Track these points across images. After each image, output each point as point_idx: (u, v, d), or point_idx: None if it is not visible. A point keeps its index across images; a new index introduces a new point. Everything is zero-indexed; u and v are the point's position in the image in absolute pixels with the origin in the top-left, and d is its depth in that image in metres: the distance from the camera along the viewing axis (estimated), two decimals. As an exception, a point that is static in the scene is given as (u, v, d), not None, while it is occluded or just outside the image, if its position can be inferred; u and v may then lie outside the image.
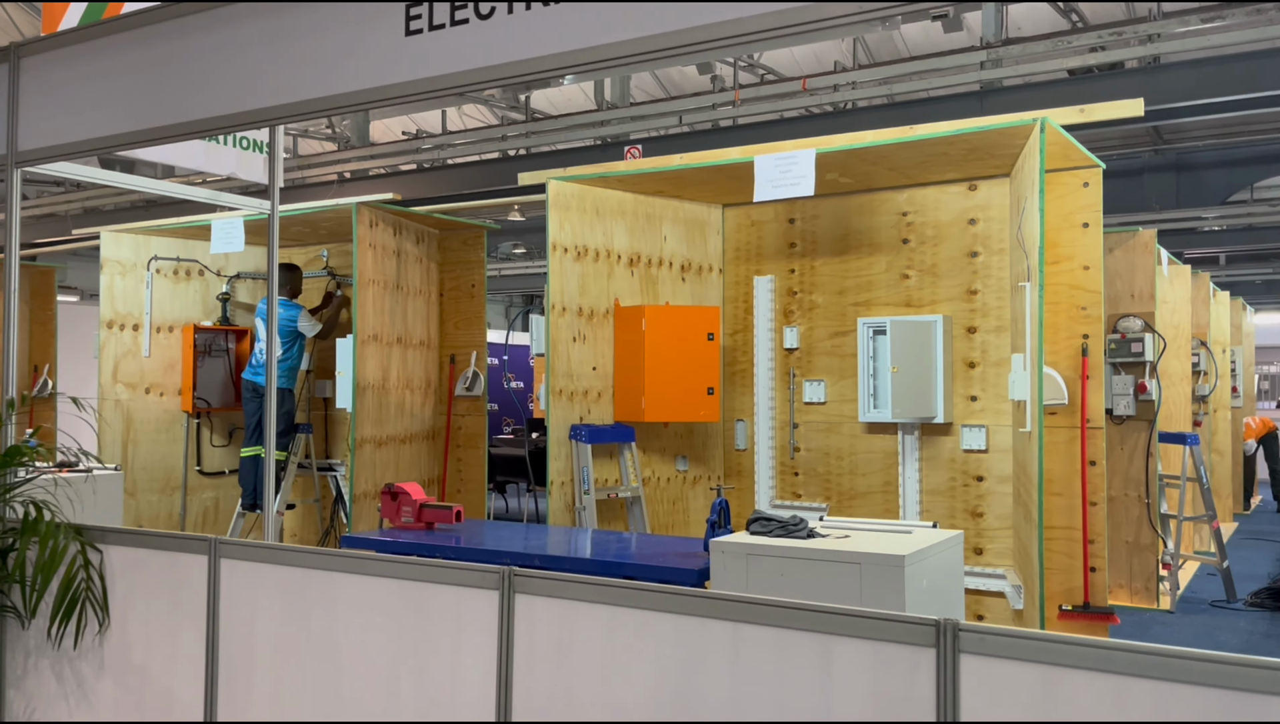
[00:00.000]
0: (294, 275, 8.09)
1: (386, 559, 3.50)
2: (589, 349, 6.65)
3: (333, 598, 3.57)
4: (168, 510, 8.45)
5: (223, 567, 3.80)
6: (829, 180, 6.49)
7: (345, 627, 3.54)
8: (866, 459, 6.76)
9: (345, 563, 3.54)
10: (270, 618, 3.70)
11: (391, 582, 3.45)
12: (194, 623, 3.86)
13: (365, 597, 3.50)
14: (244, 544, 3.77)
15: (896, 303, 6.69)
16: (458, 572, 3.32)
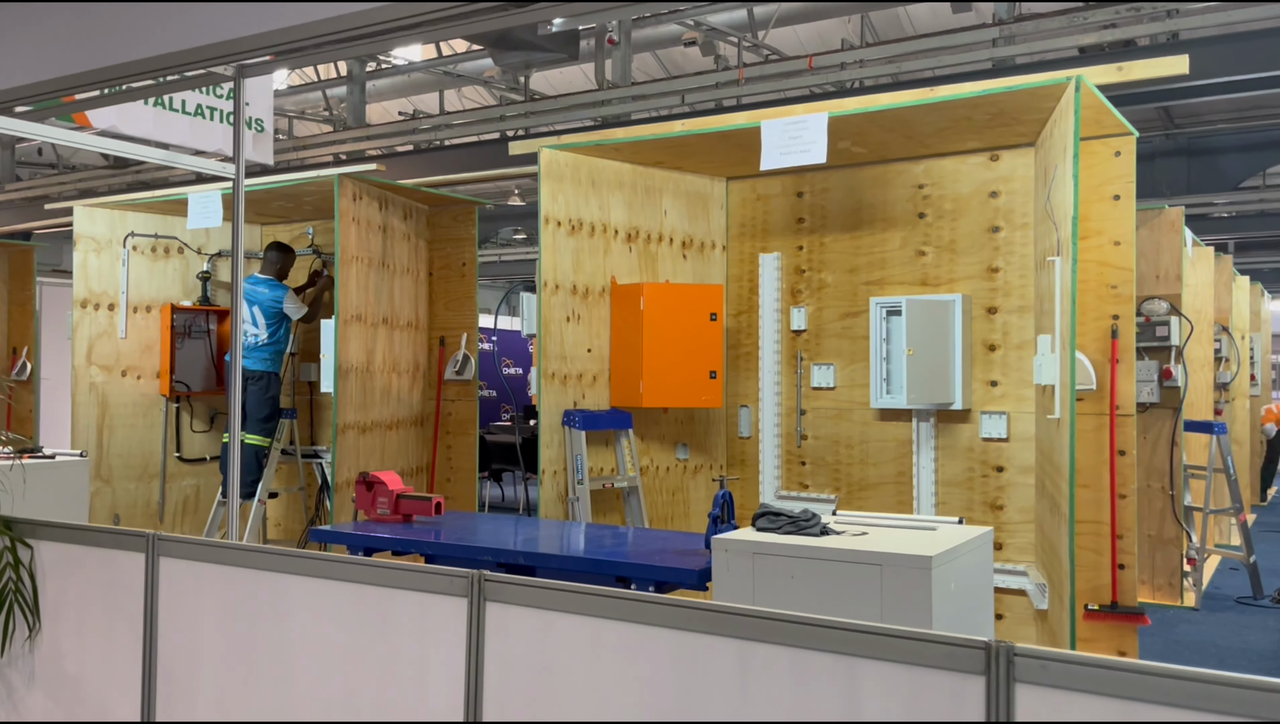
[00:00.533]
0: (285, 256, 7.60)
1: (341, 560, 3.01)
2: (583, 329, 6.16)
3: (282, 603, 3.09)
4: (145, 499, 7.98)
5: (162, 566, 3.32)
6: (840, 150, 5.98)
7: (296, 635, 3.06)
8: (878, 448, 6.27)
9: (296, 564, 3.06)
10: (214, 624, 3.22)
11: (347, 585, 2.96)
12: (131, 628, 3.38)
13: (318, 602, 3.02)
14: (185, 541, 3.29)
15: (912, 281, 6.19)
16: (421, 575, 2.84)
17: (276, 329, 7.49)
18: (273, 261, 7.55)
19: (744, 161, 6.30)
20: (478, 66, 16.49)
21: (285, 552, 3.10)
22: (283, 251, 7.58)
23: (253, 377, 7.47)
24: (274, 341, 7.50)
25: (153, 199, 7.56)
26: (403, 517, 4.64)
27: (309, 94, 18.50)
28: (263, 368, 7.46)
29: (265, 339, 7.46)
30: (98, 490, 7.74)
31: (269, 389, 7.49)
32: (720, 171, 6.61)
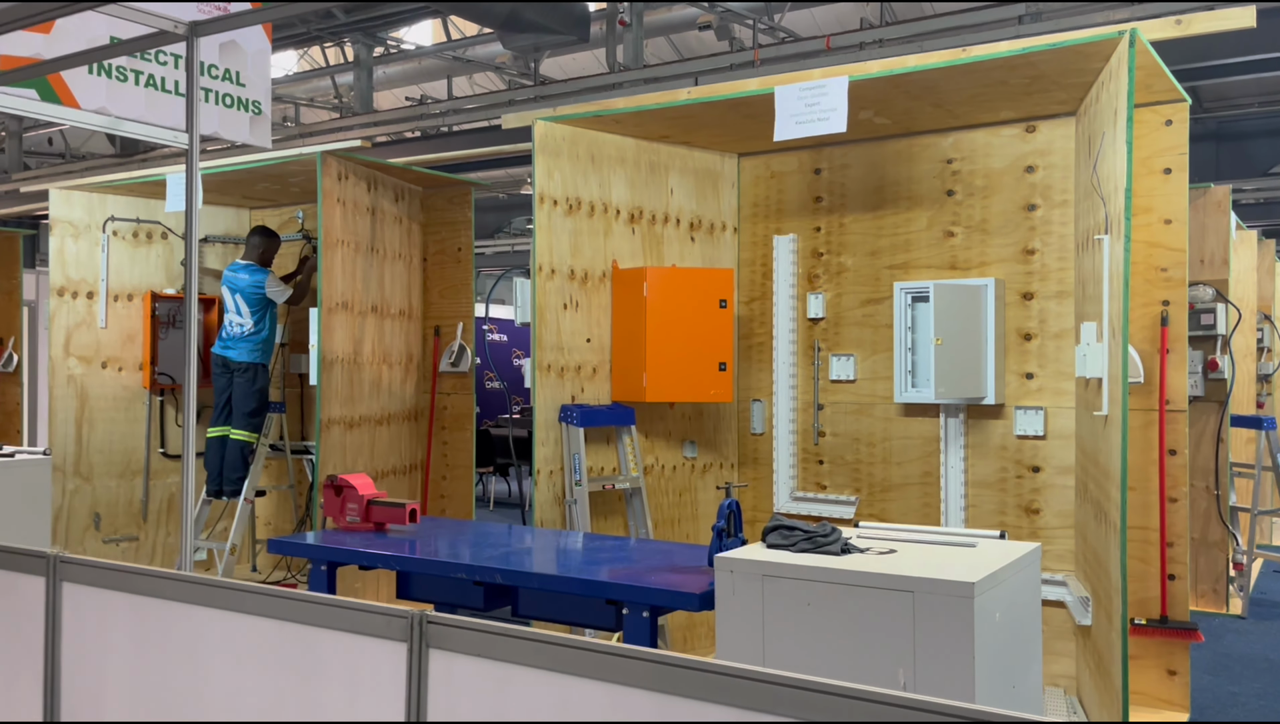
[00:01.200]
0: (269, 241, 7.05)
1: (262, 592, 2.45)
2: (582, 318, 5.59)
3: (197, 638, 2.54)
4: (128, 497, 7.47)
5: (65, 593, 2.77)
6: (862, 121, 5.39)
7: (212, 676, 2.51)
8: (902, 446, 5.68)
9: (211, 595, 2.51)
10: (122, 660, 2.68)
11: (269, 622, 2.41)
12: (32, 661, 2.84)
13: (237, 639, 2.47)
14: (90, 565, 2.74)
15: (939, 265, 5.59)
16: (353, 614, 2.28)
17: (262, 317, 6.95)
18: (255, 246, 7.01)
19: (757, 135, 5.71)
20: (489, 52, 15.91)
21: (200, 580, 2.55)
22: (266, 236, 7.04)
23: (238, 368, 6.94)
24: (260, 331, 6.96)
25: (131, 180, 7.03)
26: (374, 525, 4.10)
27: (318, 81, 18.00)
28: (249, 359, 6.92)
29: (251, 328, 6.92)
30: (77, 488, 7.24)
31: (255, 381, 6.96)
32: (731, 147, 6.02)
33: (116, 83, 9.00)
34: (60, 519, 7.17)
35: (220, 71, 9.89)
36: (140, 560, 7.52)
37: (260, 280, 6.85)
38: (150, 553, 7.55)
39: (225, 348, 7.00)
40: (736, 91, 5.01)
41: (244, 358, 6.91)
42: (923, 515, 5.61)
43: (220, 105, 10.02)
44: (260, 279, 6.85)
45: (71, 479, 7.22)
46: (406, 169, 6.79)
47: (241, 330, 6.93)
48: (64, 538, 7.17)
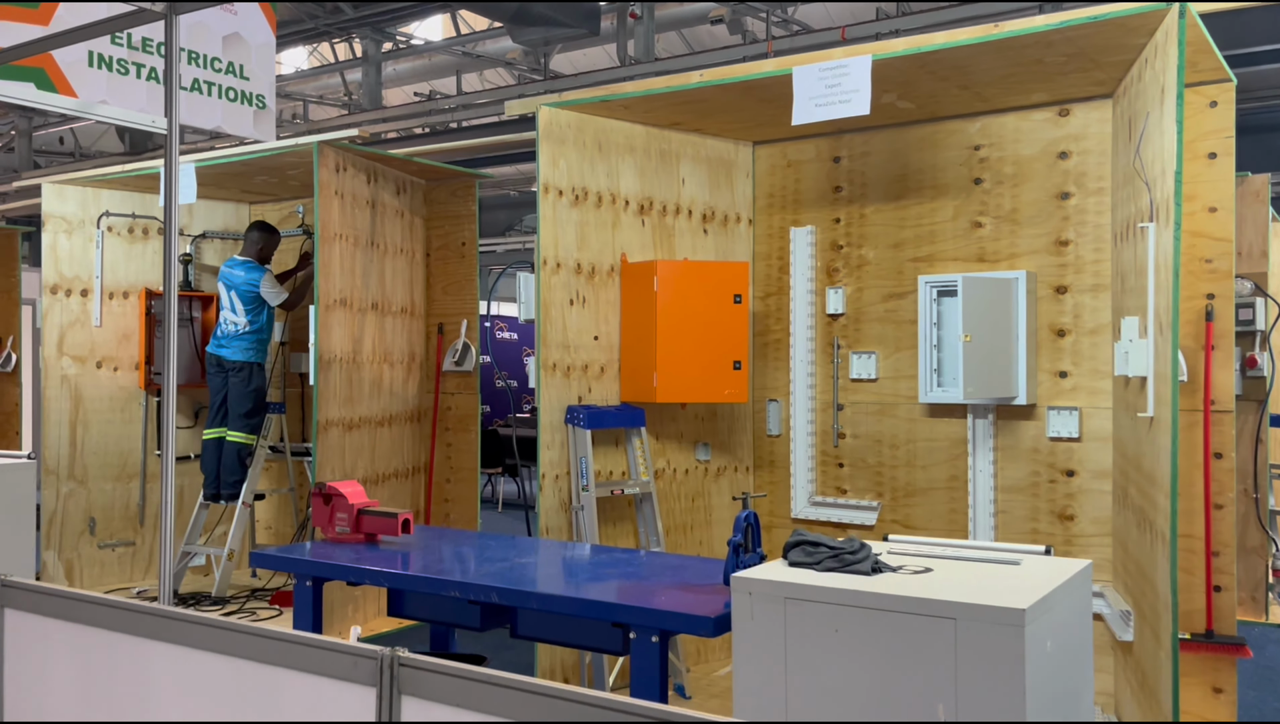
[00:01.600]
0: (267, 237, 6.75)
1: (215, 625, 2.14)
2: (589, 314, 5.26)
3: (146, 675, 2.22)
4: (124, 500, 7.19)
5: (7, 619, 2.46)
6: (884, 105, 5.04)
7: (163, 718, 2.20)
8: (927, 448, 5.34)
9: (161, 627, 2.19)
10: (65, 696, 2.36)
11: (223, 659, 2.09)
12: (-26, 699, 2.53)
13: (188, 677, 2.15)
14: (34, 590, 2.43)
15: (967, 257, 5.24)
16: (317, 653, 1.96)
17: (257, 315, 6.65)
18: (254, 242, 6.71)
19: (773, 121, 5.37)
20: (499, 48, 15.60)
21: (148, 610, 2.24)
22: (264, 232, 6.74)
23: (233, 368, 6.65)
24: (256, 329, 6.66)
25: (125, 174, 6.74)
26: (365, 536, 3.78)
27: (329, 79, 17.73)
28: (243, 358, 6.63)
29: (245, 326, 6.62)
30: (71, 492, 6.96)
31: (251, 381, 6.66)
32: (746, 134, 5.69)
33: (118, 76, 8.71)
34: (54, 524, 6.89)
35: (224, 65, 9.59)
36: (137, 566, 7.24)
37: (256, 279, 6.55)
38: (147, 558, 7.26)
39: (220, 346, 6.71)
40: (751, 73, 4.67)
41: (238, 357, 6.61)
42: (949, 521, 5.27)
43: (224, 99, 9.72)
44: (256, 277, 6.55)
45: (65, 483, 6.94)
46: (408, 160, 6.48)
47: (236, 328, 6.64)
48: (58, 543, 6.90)
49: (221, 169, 6.45)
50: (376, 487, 6.36)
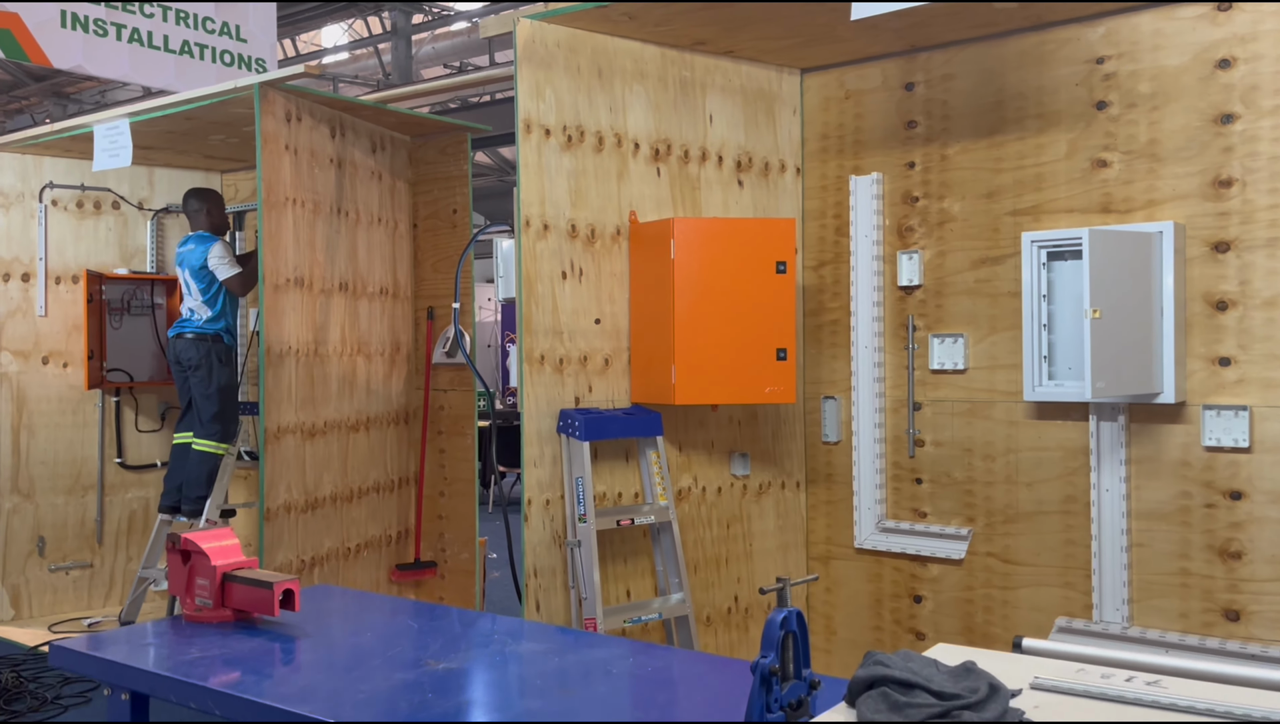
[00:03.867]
0: (207, 201, 5.50)
1: None
2: (588, 291, 3.95)
3: None
4: (78, 516, 6.07)
5: None
6: (978, 8, 3.65)
7: None
8: (1034, 460, 3.95)
9: None
10: None
11: None
12: None
13: None
14: None
15: (1087, 207, 3.83)
16: None
17: (216, 297, 5.44)
18: (195, 213, 5.48)
19: (825, 35, 4.00)
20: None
21: None
22: (202, 198, 5.49)
23: (190, 364, 5.44)
24: (218, 315, 5.45)
25: (63, 134, 5.58)
26: (234, 613, 2.54)
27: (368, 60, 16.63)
28: (200, 352, 5.42)
29: (207, 315, 5.41)
30: (16, 507, 5.85)
31: (213, 378, 5.44)
32: (791, 57, 4.31)
33: (95, 37, 7.51)
34: (-5, 545, 5.80)
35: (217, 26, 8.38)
36: (95, 590, 6.12)
37: (205, 250, 5.33)
38: (107, 582, 6.14)
39: (176, 336, 5.52)
40: (795, -46, 3.30)
41: (193, 351, 5.40)
42: (1064, 556, 3.88)
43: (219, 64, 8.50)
44: (205, 249, 5.33)
45: (9, 497, 5.84)
46: (382, 109, 5.21)
47: (192, 316, 5.44)
48: (1, 567, 5.80)
49: (165, 127, 5.25)
50: (351, 504, 5.15)
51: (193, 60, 7.99)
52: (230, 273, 5.25)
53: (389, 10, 14.25)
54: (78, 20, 7.22)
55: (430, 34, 15.95)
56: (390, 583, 5.46)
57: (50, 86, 17.49)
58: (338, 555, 5.03)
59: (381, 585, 5.39)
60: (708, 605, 4.24)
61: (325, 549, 4.93)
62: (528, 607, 3.77)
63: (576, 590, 3.77)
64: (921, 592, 4.20)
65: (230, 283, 5.27)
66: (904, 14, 3.46)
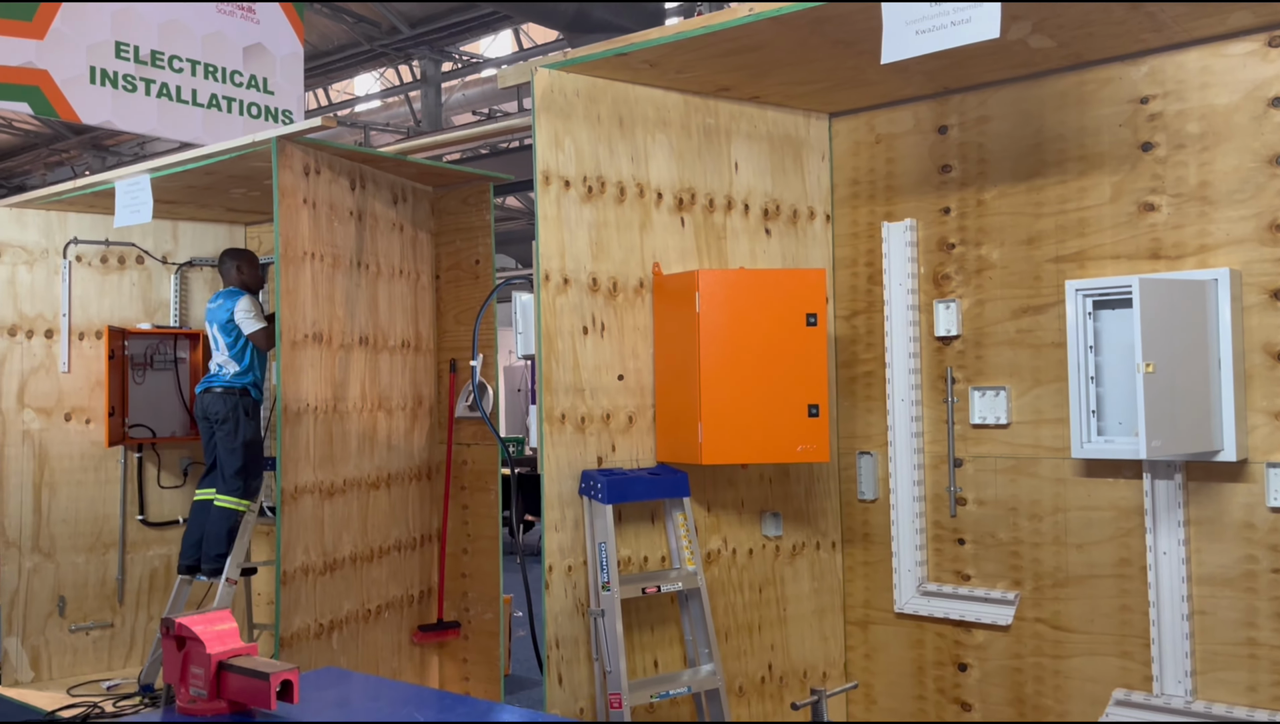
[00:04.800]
0: (242, 260, 5.44)
1: None
2: (610, 346, 3.79)
3: None
4: (99, 575, 5.96)
5: None
6: (1011, 45, 3.48)
7: None
8: (1084, 520, 3.71)
9: None
10: None
11: None
12: None
13: None
14: None
15: (1135, 253, 3.63)
16: None
17: (244, 352, 5.35)
18: (229, 272, 5.42)
19: (854, 78, 3.85)
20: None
21: None
22: (236, 257, 5.44)
23: (217, 418, 5.35)
24: (244, 369, 5.35)
25: (87, 190, 5.53)
26: (229, 704, 2.38)
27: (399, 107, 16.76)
28: (227, 405, 5.32)
29: (235, 368, 5.33)
30: (36, 567, 5.75)
31: (238, 433, 5.34)
32: (819, 101, 4.16)
33: (124, 93, 7.54)
34: (16, 605, 5.69)
35: (244, 79, 8.38)
36: (115, 650, 6.00)
37: (233, 305, 5.25)
38: (127, 642, 6.01)
39: (204, 391, 5.43)
40: (821, -4, 3.15)
41: (220, 404, 5.31)
42: (1120, 623, 3.63)
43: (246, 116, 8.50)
44: (233, 305, 5.25)
45: (30, 557, 5.74)
46: (402, 161, 5.11)
47: (220, 371, 5.35)
48: (21, 628, 5.69)
49: (186, 182, 5.19)
50: (371, 564, 4.99)
51: (220, 113, 8.00)
52: (255, 327, 5.15)
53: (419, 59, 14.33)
54: (106, 76, 7.25)
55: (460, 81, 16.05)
56: (412, 644, 5.28)
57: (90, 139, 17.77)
58: (357, 618, 4.87)
59: (403, 648, 5.21)
60: (740, 675, 4.02)
61: (344, 612, 4.77)
62: (549, 680, 3.58)
63: (600, 663, 3.57)
64: (966, 659, 3.95)
65: (255, 337, 5.18)
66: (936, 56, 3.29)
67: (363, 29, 13.40)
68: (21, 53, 6.90)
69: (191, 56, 7.84)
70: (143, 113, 7.55)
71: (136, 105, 7.48)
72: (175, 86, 7.70)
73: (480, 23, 13.04)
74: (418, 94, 15.96)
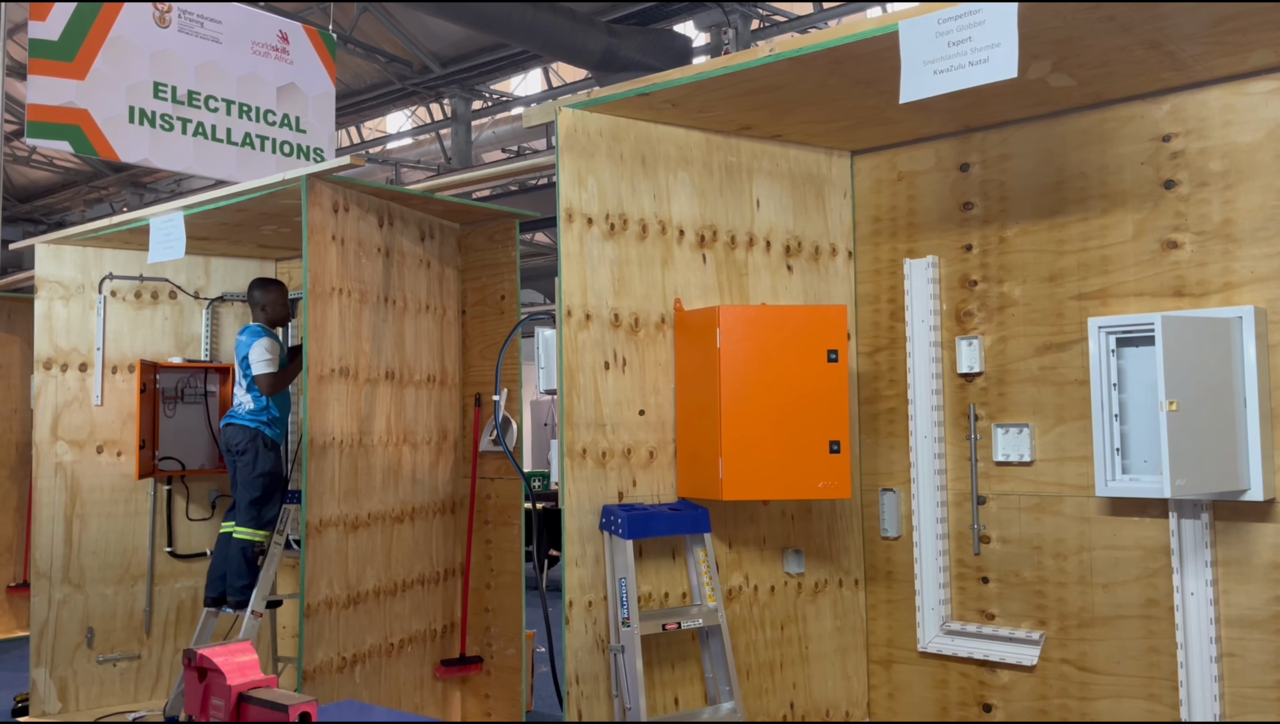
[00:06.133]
0: (269, 293, 5.55)
1: None
2: (631, 381, 3.82)
3: None
4: (127, 607, 6.02)
5: None
6: (1032, 83, 3.50)
7: None
8: (1110, 560, 3.67)
9: None
10: None
11: None
12: None
13: None
14: None
15: (1158, 291, 3.61)
16: None
17: (262, 391, 5.43)
18: (256, 303, 5.51)
19: (874, 117, 3.88)
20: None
21: None
22: (264, 288, 5.53)
23: (237, 450, 5.42)
24: (261, 409, 5.42)
25: (122, 227, 5.66)
26: (249, 732, 2.41)
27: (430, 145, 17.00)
28: (246, 439, 5.39)
29: (251, 407, 5.40)
30: (66, 598, 5.82)
31: (257, 464, 5.40)
32: (840, 140, 4.19)
33: (161, 132, 7.70)
34: (45, 636, 5.75)
35: (278, 118, 8.54)
36: (142, 682, 6.04)
37: (251, 344, 5.33)
38: (154, 673, 6.06)
39: (226, 425, 5.51)
40: (842, 37, 3.19)
41: (239, 438, 5.38)
42: (1147, 664, 3.58)
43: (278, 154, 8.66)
44: (251, 342, 5.33)
45: (60, 588, 5.81)
46: (430, 198, 5.19)
47: (239, 407, 5.43)
48: (49, 659, 5.75)
49: (218, 219, 5.30)
50: (394, 598, 5.01)
51: (254, 151, 8.16)
52: (262, 370, 5.23)
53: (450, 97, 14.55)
54: (145, 115, 7.41)
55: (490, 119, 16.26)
56: (435, 679, 5.28)
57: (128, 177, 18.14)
58: (380, 652, 4.88)
59: (425, 683, 5.21)
60: (761, 713, 3.99)
61: (367, 646, 4.78)
62: (569, 716, 3.57)
63: (620, 699, 3.56)
64: (991, 700, 3.91)
65: (260, 379, 5.25)
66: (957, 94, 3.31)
67: (395, 68, 13.64)
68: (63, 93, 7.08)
69: (227, 96, 8.00)
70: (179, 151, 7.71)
71: (173, 144, 7.64)
72: (211, 125, 7.86)
73: (510, 61, 13.24)
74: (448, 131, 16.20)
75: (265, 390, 5.28)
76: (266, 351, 5.26)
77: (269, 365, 5.23)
